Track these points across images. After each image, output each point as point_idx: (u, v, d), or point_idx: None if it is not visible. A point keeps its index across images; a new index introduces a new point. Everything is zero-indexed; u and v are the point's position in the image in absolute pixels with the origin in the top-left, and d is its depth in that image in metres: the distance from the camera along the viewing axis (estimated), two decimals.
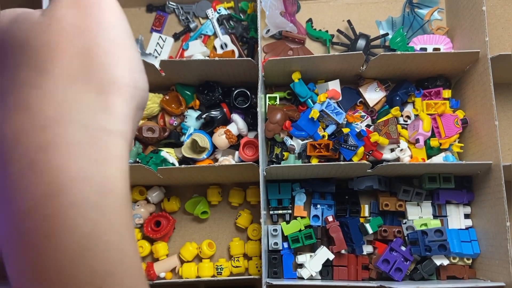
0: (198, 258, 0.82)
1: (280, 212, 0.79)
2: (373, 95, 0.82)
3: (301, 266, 0.75)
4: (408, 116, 0.81)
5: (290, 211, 0.79)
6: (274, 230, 0.76)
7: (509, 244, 0.65)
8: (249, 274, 0.79)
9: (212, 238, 0.82)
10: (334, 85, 0.80)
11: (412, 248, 0.73)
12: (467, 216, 0.77)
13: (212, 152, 0.81)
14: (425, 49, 0.82)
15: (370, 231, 0.74)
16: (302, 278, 0.73)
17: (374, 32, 0.87)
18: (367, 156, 0.76)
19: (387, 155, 0.77)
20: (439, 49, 0.82)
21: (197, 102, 0.83)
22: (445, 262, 0.73)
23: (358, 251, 0.75)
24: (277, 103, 0.81)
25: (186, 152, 0.79)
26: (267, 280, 0.69)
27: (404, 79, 0.82)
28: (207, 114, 0.81)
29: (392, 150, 0.77)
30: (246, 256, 0.81)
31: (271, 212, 0.79)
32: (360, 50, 0.82)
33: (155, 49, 0.89)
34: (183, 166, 0.72)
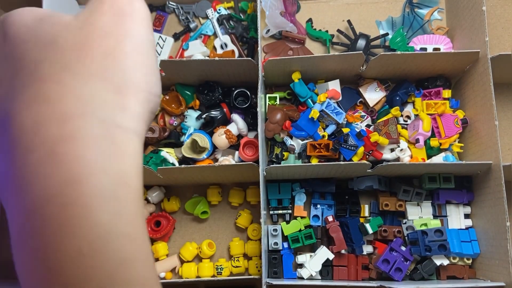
0: (198, 258, 0.82)
1: (280, 212, 0.79)
2: (373, 95, 0.82)
3: (301, 266, 0.75)
4: (408, 116, 0.81)
5: (290, 211, 0.79)
6: (274, 230, 0.76)
7: (509, 244, 0.65)
8: (249, 274, 0.79)
9: (212, 238, 0.82)
10: (334, 85, 0.80)
11: (412, 248, 0.73)
12: (467, 216, 0.77)
13: (212, 152, 0.81)
14: (425, 49, 0.82)
15: (370, 231, 0.74)
16: (302, 278, 0.73)
17: (374, 32, 0.87)
18: (367, 156, 0.76)
19: (387, 155, 0.77)
20: (439, 49, 0.82)
21: (197, 102, 0.83)
22: (445, 262, 0.73)
23: (358, 251, 0.75)
24: (277, 103, 0.81)
25: (186, 152, 0.79)
26: (267, 280, 0.69)
27: (404, 79, 0.82)
28: (207, 114, 0.81)
29: (392, 150, 0.77)
30: (246, 256, 0.81)
31: (271, 212, 0.79)
32: (360, 50, 0.82)
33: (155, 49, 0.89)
34: (183, 166, 0.72)
